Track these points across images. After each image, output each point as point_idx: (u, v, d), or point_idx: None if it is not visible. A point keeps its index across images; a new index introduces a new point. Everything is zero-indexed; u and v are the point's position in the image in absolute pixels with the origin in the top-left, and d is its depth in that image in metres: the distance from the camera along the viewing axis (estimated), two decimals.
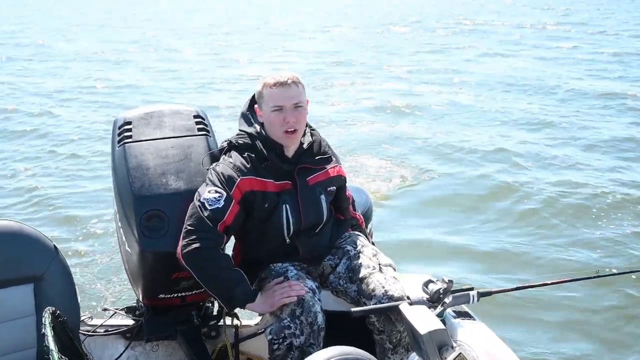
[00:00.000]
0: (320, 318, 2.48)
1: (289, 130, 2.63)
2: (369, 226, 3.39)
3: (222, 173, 2.60)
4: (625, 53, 16.75)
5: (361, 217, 3.14)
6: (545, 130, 9.98)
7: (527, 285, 2.66)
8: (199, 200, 2.56)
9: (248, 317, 3.23)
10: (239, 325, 3.07)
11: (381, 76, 15.40)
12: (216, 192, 2.56)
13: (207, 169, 2.69)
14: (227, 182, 2.58)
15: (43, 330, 1.82)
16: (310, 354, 2.16)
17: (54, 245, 2.55)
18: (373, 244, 3.22)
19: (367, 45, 20.80)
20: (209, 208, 2.53)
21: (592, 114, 10.95)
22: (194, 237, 2.52)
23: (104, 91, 14.18)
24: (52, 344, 1.73)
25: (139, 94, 13.64)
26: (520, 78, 14.22)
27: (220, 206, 2.54)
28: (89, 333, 3.06)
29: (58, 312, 2.09)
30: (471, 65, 16.36)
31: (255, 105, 2.75)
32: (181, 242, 2.54)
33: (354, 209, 3.06)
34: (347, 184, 2.95)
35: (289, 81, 2.64)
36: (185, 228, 2.55)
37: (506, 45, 19.53)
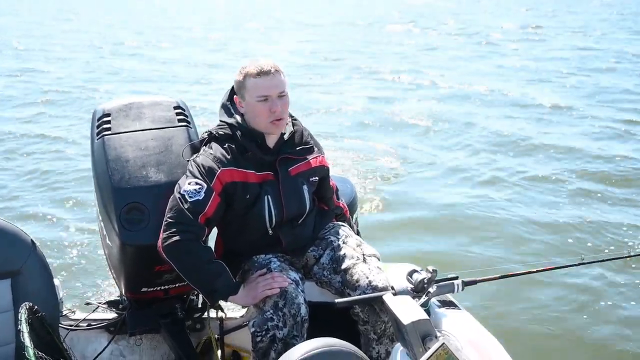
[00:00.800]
0: (303, 310, 2.46)
1: (276, 119, 2.60)
2: (355, 216, 3.37)
3: (202, 164, 2.57)
4: None
5: (345, 206, 3.11)
6: (537, 111, 10.05)
7: (512, 273, 2.65)
8: (179, 193, 2.53)
9: (233, 310, 3.21)
10: (223, 317, 3.04)
11: (371, 67, 15.38)
12: (196, 183, 2.52)
13: (188, 161, 2.66)
14: (207, 174, 2.55)
15: (19, 326, 1.78)
16: (294, 345, 2.14)
17: (31, 240, 2.51)
18: (359, 233, 3.21)
19: (359, 40, 20.77)
20: (189, 200, 2.50)
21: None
22: (174, 229, 2.48)
23: (82, 82, 14.04)
24: (27, 340, 1.70)
25: (119, 85, 13.52)
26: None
27: (200, 198, 2.51)
28: (72, 327, 3.03)
29: (36, 307, 2.05)
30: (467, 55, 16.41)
31: (235, 96, 2.70)
32: (161, 235, 2.51)
33: (338, 198, 3.03)
34: (331, 174, 2.92)
35: (272, 70, 2.60)
36: (166, 221, 2.52)
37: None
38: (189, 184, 2.53)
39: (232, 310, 3.20)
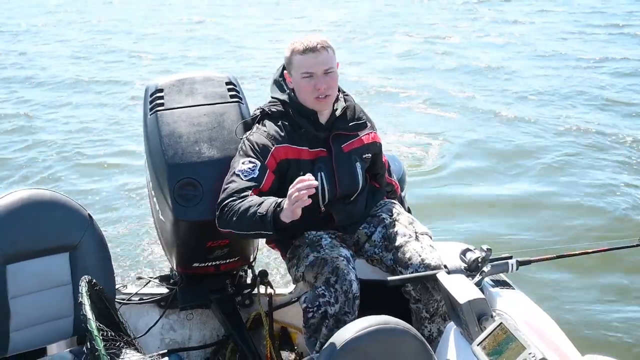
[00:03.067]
0: (355, 286, 2.44)
1: (320, 97, 2.58)
2: (403, 193, 3.34)
3: (256, 142, 2.56)
4: None
5: (397, 183, 3.09)
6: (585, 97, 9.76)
7: (568, 254, 2.59)
8: (234, 173, 2.53)
9: (282, 286, 3.22)
10: (272, 293, 3.06)
11: (410, 43, 15.15)
12: (250, 162, 2.52)
13: (240, 138, 2.65)
14: (261, 151, 2.54)
15: (80, 298, 1.81)
16: (345, 322, 2.14)
17: (89, 214, 2.54)
18: (409, 210, 3.18)
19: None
20: (244, 179, 2.50)
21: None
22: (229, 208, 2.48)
23: (134, 59, 14.16)
24: (89, 313, 1.72)
25: (168, 62, 13.61)
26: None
27: (255, 176, 2.51)
28: (124, 301, 3.08)
29: (94, 280, 2.08)
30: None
31: (285, 72, 2.69)
32: (218, 214, 2.50)
33: (390, 175, 3.01)
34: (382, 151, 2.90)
35: (319, 46, 2.57)
36: (221, 201, 2.51)
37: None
38: (243, 163, 2.53)
39: (281, 286, 3.22)
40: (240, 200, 2.46)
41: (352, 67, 12.20)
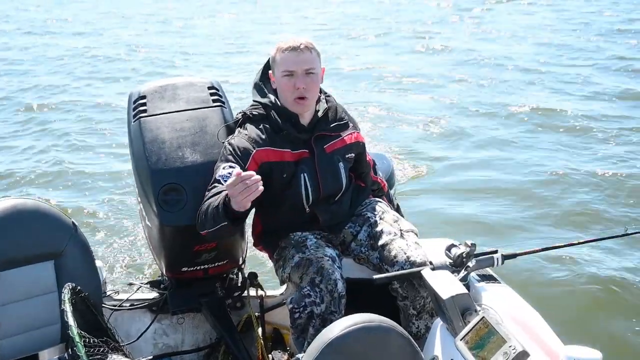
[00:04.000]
0: (340, 285, 2.46)
1: (299, 97, 2.59)
2: (392, 191, 3.35)
3: (237, 146, 2.58)
4: None
5: (384, 181, 3.10)
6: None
7: (553, 246, 2.60)
8: (215, 179, 2.54)
9: (273, 288, 3.23)
10: (263, 295, 3.07)
11: (406, 46, 15.19)
12: (230, 167, 2.53)
13: (223, 143, 2.67)
14: (242, 155, 2.56)
15: (62, 306, 1.82)
16: (332, 321, 2.15)
17: (72, 222, 2.57)
18: (398, 207, 3.19)
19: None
20: (224, 183, 2.50)
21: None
22: None
23: (118, 66, 14.15)
24: (71, 320, 1.74)
25: (152, 68, 13.60)
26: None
27: None
28: (116, 307, 3.08)
29: (79, 287, 2.10)
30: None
31: (270, 71, 2.71)
32: (197, 224, 2.52)
33: (375, 174, 3.02)
34: (368, 150, 2.91)
35: (302, 46, 2.59)
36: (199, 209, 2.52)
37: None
38: (223, 168, 2.54)
39: (272, 288, 3.23)
40: (208, 201, 2.46)
41: (342, 63, 12.26)
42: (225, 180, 2.48)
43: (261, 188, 2.22)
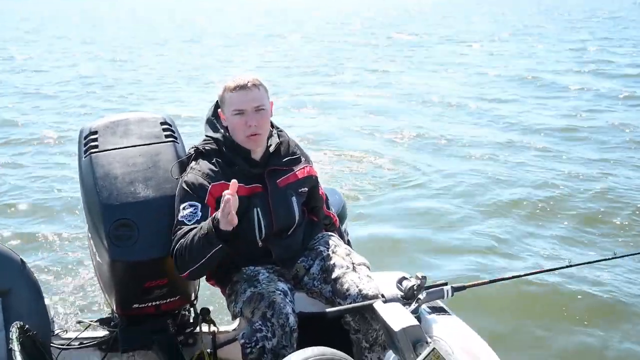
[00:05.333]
0: (292, 319, 2.46)
1: (251, 134, 2.62)
2: (344, 226, 3.39)
3: (192, 183, 2.58)
4: None
5: (335, 216, 3.13)
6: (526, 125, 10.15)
7: (501, 278, 2.68)
8: (178, 221, 2.54)
9: (225, 323, 3.21)
10: (216, 331, 3.04)
11: (355, 75, 15.45)
12: (190, 205, 2.54)
13: (177, 179, 2.67)
14: (199, 192, 2.57)
15: (10, 345, 1.78)
16: (284, 356, 2.15)
17: (21, 259, 2.51)
18: (349, 242, 3.23)
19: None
20: (189, 224, 2.51)
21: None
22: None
23: (69, 101, 13.99)
24: (19, 359, 1.70)
25: (103, 103, 13.49)
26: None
27: (199, 217, 2.52)
28: (64, 347, 3.01)
29: (27, 326, 2.05)
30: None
31: (219, 110, 2.73)
32: (175, 265, 2.51)
33: (328, 208, 3.05)
34: (319, 184, 2.94)
35: (249, 84, 2.63)
36: (172, 251, 2.51)
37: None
38: (184, 208, 2.55)
39: (225, 324, 3.20)
40: (184, 239, 2.48)
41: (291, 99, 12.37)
42: (190, 221, 2.49)
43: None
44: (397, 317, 2.14)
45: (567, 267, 2.79)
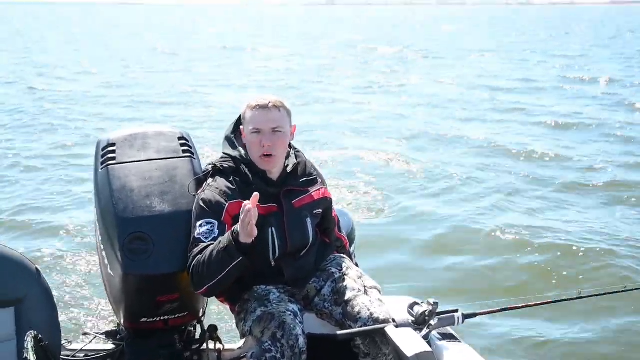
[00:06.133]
0: (301, 341, 2.45)
1: (264, 154, 2.64)
2: (352, 248, 3.39)
3: (209, 201, 2.60)
4: None
5: (346, 238, 3.14)
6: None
7: (512, 307, 2.68)
8: (194, 238, 2.56)
9: (231, 341, 3.20)
10: (221, 349, 3.03)
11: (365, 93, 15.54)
12: (207, 223, 2.56)
13: (194, 195, 2.68)
14: (216, 209, 2.58)
15: (25, 354, 1.78)
16: None
17: (36, 268, 2.50)
18: (357, 265, 3.22)
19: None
20: (206, 241, 2.52)
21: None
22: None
23: (84, 115, 14.07)
24: None
25: (119, 118, 13.57)
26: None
27: (216, 235, 2.54)
28: (69, 358, 3.00)
29: (40, 336, 2.04)
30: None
31: (241, 126, 2.76)
32: (192, 281, 2.53)
33: (340, 230, 3.06)
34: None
35: (270, 105, 2.66)
36: (189, 267, 2.53)
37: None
38: (201, 226, 2.57)
39: (230, 341, 3.19)
40: (201, 255, 2.50)
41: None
42: (207, 238, 2.50)
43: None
44: (410, 343, 2.14)
45: (578, 298, 2.78)
